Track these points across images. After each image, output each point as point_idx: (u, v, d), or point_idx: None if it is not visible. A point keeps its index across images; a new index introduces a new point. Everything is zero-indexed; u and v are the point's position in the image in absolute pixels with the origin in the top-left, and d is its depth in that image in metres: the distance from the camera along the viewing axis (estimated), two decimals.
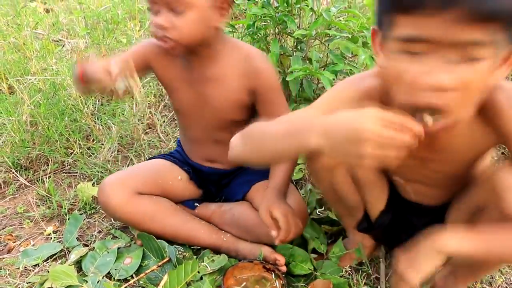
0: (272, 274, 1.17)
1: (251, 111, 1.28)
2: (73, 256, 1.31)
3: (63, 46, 2.78)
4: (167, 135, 1.95)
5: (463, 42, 0.65)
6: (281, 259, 1.20)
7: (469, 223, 0.91)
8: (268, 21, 1.72)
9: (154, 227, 1.30)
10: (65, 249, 1.37)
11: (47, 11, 3.42)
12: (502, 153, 1.71)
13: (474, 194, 0.95)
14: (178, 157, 1.45)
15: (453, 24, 0.64)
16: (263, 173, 1.32)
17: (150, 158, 1.50)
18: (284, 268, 1.20)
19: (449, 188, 1.01)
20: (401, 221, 1.16)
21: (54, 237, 1.44)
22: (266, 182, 1.27)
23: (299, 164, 1.68)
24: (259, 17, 1.68)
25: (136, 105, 2.07)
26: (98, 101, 2.13)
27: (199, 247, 1.33)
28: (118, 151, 1.87)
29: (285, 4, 1.66)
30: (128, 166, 1.77)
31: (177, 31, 1.09)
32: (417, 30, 0.67)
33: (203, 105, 1.27)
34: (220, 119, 1.28)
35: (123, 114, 2.01)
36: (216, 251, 1.31)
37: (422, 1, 0.64)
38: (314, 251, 1.28)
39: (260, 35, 1.76)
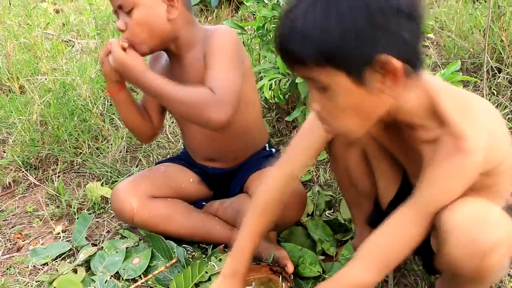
0: (279, 276, 1.17)
1: None
2: (82, 256, 1.32)
3: (73, 46, 2.80)
4: (175, 136, 1.96)
5: (306, 77, 0.78)
6: (290, 267, 1.19)
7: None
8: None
9: (171, 229, 1.31)
10: (74, 248, 1.38)
11: (57, 11, 3.45)
12: None
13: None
14: (186, 160, 1.45)
15: (289, 66, 0.79)
16: (259, 165, 1.32)
17: (158, 162, 1.50)
18: (290, 270, 1.19)
19: None
20: None
21: (63, 237, 1.45)
22: (261, 171, 1.27)
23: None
24: (269, 19, 1.68)
25: None
26: (107, 101, 2.14)
27: (206, 246, 1.34)
28: (127, 151, 1.88)
29: None
30: (137, 166, 1.78)
31: (129, 31, 1.13)
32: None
33: None
34: None
35: None
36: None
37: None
38: (323, 253, 1.28)
39: (269, 37, 1.76)
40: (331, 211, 1.45)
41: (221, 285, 1.04)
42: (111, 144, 1.86)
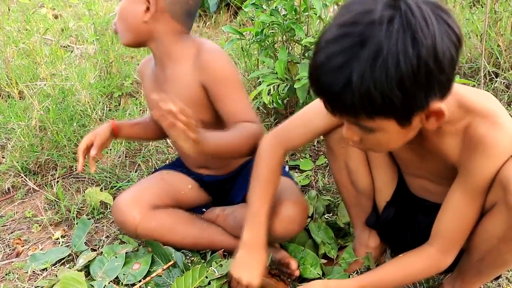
0: (277, 279, 1.17)
1: (211, 115, 1.25)
2: (81, 261, 1.32)
3: (72, 51, 2.81)
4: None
5: (352, 122, 0.81)
6: (293, 264, 1.20)
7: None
8: (276, 28, 1.73)
9: (175, 238, 1.30)
10: (73, 254, 1.38)
11: (56, 17, 3.46)
12: None
13: None
14: (182, 166, 1.45)
15: (333, 112, 0.79)
16: None
17: (156, 169, 1.50)
18: (297, 273, 1.20)
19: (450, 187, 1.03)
20: (407, 218, 1.18)
21: (62, 242, 1.44)
22: None
23: (306, 171, 1.69)
24: (267, 24, 1.70)
25: (143, 111, 2.08)
26: (106, 107, 2.15)
27: (203, 252, 1.34)
28: (126, 156, 1.88)
29: (293, 11, 1.68)
30: (136, 171, 1.78)
31: (116, 19, 1.23)
32: None
33: None
34: None
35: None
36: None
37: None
38: (324, 256, 1.29)
39: (268, 43, 1.77)
40: (330, 214, 1.45)
41: (245, 254, 1.09)
42: (110, 149, 1.87)
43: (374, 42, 0.67)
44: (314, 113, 1.08)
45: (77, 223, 1.48)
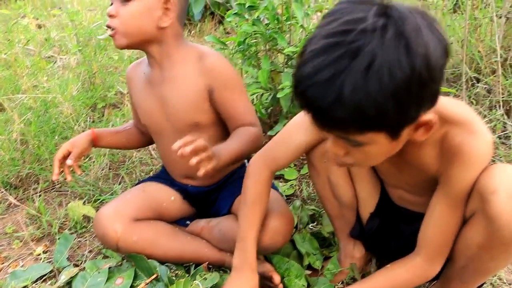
0: None
1: (213, 113, 1.27)
2: (63, 277, 1.29)
3: (55, 62, 2.78)
4: (158, 152, 1.95)
5: (341, 136, 0.77)
6: (276, 278, 1.20)
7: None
8: (259, 38, 1.73)
9: (157, 252, 1.29)
10: (55, 270, 1.35)
11: (39, 26, 3.43)
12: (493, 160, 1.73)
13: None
14: (165, 178, 1.44)
15: (322, 127, 0.76)
16: None
17: (139, 182, 1.48)
18: (280, 287, 1.19)
19: (427, 198, 1.03)
20: (391, 228, 1.18)
21: (44, 258, 1.42)
22: None
23: (290, 180, 1.69)
24: (250, 34, 1.70)
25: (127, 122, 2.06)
26: (90, 118, 2.13)
27: (188, 265, 1.32)
28: (109, 168, 1.86)
29: (275, 21, 1.68)
30: (119, 184, 1.76)
31: (119, 19, 1.17)
32: None
33: (165, 109, 1.27)
34: (183, 122, 1.26)
35: None
36: (220, 266, 1.31)
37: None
38: (309, 267, 1.28)
39: (251, 52, 1.77)
40: (315, 224, 1.45)
41: (235, 279, 1.10)
42: (93, 162, 1.84)
43: (367, 52, 0.64)
44: (295, 131, 1.08)
45: (59, 238, 1.45)
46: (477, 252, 0.92)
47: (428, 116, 0.74)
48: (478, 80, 2.06)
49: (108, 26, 1.19)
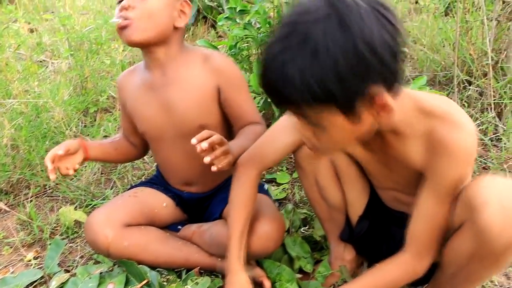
0: None
1: (220, 115, 1.28)
2: (54, 283, 1.28)
3: (47, 67, 2.77)
4: (150, 157, 1.94)
5: (298, 114, 0.81)
6: (267, 284, 1.19)
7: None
8: (250, 42, 1.73)
9: (148, 257, 1.28)
10: (46, 276, 1.34)
11: (32, 31, 3.42)
12: (483, 167, 1.74)
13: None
14: (159, 183, 1.43)
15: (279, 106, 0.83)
16: None
17: (132, 186, 1.47)
18: (267, 286, 1.19)
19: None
20: (382, 231, 1.18)
21: (35, 264, 1.41)
22: None
23: (282, 184, 1.69)
24: (241, 38, 1.70)
25: (119, 127, 2.05)
26: (82, 123, 2.12)
27: (179, 270, 1.31)
28: (101, 173, 1.85)
29: (266, 24, 1.68)
30: (111, 188, 1.75)
31: (137, 10, 1.15)
32: None
33: (169, 113, 1.26)
34: (189, 125, 1.25)
35: (107, 137, 1.99)
36: (212, 271, 1.30)
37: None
38: (300, 270, 1.28)
39: (242, 56, 1.77)
40: (307, 227, 1.44)
41: (227, 281, 1.11)
42: (85, 166, 1.84)
43: (312, 38, 0.70)
44: (281, 131, 1.09)
45: (50, 244, 1.44)
46: (467, 261, 0.92)
47: (381, 93, 0.74)
48: (470, 83, 2.07)
49: (121, 16, 1.16)
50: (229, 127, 1.31)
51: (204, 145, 1.01)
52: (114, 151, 1.39)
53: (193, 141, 1.02)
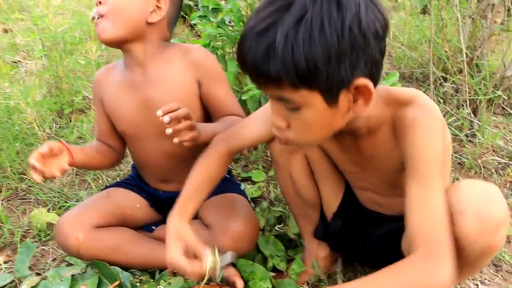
0: None
1: (201, 111, 1.27)
2: (24, 287, 1.25)
3: (22, 67, 2.72)
4: (125, 157, 1.91)
5: (277, 96, 0.78)
6: (239, 283, 1.17)
7: None
8: (224, 40, 1.72)
9: (121, 259, 1.26)
10: (16, 280, 1.31)
11: (6, 31, 3.36)
12: (459, 163, 1.75)
13: None
14: (134, 184, 1.41)
15: (259, 84, 0.78)
16: (214, 190, 1.29)
17: (106, 187, 1.45)
18: (240, 286, 1.17)
19: (396, 198, 1.02)
20: (357, 230, 1.17)
21: (5, 268, 1.38)
22: (216, 198, 1.28)
23: (257, 182, 1.68)
24: (215, 36, 1.68)
25: (94, 128, 2.02)
26: (56, 124, 2.09)
27: (153, 270, 1.30)
28: (76, 174, 1.82)
29: (240, 23, 1.67)
30: (85, 190, 1.72)
31: (109, 9, 1.13)
32: None
33: (150, 112, 1.22)
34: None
35: (81, 138, 1.96)
36: None
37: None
38: (274, 269, 1.27)
39: (217, 55, 1.76)
40: (281, 225, 1.44)
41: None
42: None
43: (299, 5, 0.68)
44: (259, 118, 1.08)
45: (20, 247, 1.41)
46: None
47: (366, 82, 0.74)
48: (445, 80, 2.09)
49: (98, 14, 1.15)
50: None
51: (166, 119, 1.00)
52: (97, 154, 1.33)
53: (159, 112, 1.01)
